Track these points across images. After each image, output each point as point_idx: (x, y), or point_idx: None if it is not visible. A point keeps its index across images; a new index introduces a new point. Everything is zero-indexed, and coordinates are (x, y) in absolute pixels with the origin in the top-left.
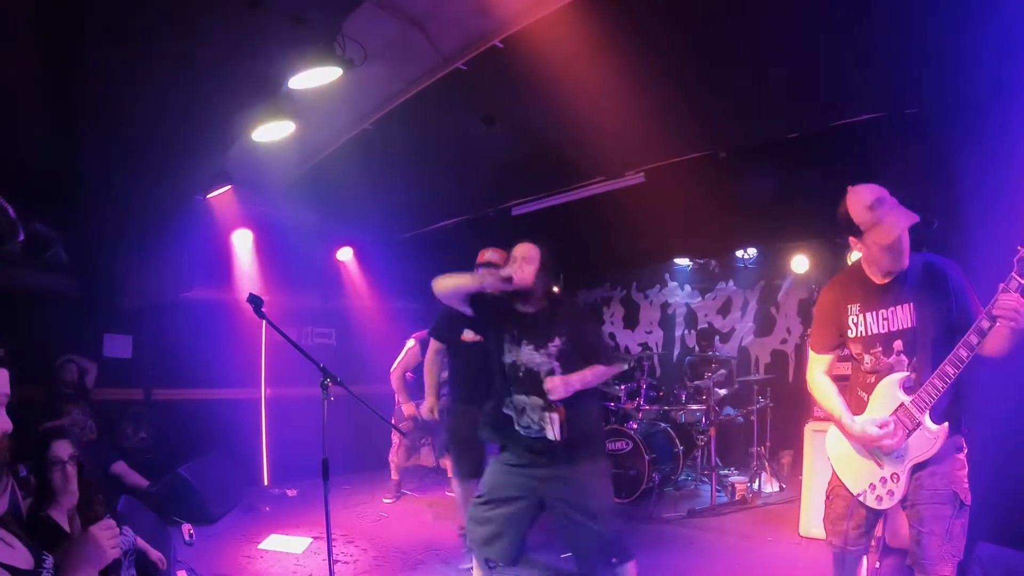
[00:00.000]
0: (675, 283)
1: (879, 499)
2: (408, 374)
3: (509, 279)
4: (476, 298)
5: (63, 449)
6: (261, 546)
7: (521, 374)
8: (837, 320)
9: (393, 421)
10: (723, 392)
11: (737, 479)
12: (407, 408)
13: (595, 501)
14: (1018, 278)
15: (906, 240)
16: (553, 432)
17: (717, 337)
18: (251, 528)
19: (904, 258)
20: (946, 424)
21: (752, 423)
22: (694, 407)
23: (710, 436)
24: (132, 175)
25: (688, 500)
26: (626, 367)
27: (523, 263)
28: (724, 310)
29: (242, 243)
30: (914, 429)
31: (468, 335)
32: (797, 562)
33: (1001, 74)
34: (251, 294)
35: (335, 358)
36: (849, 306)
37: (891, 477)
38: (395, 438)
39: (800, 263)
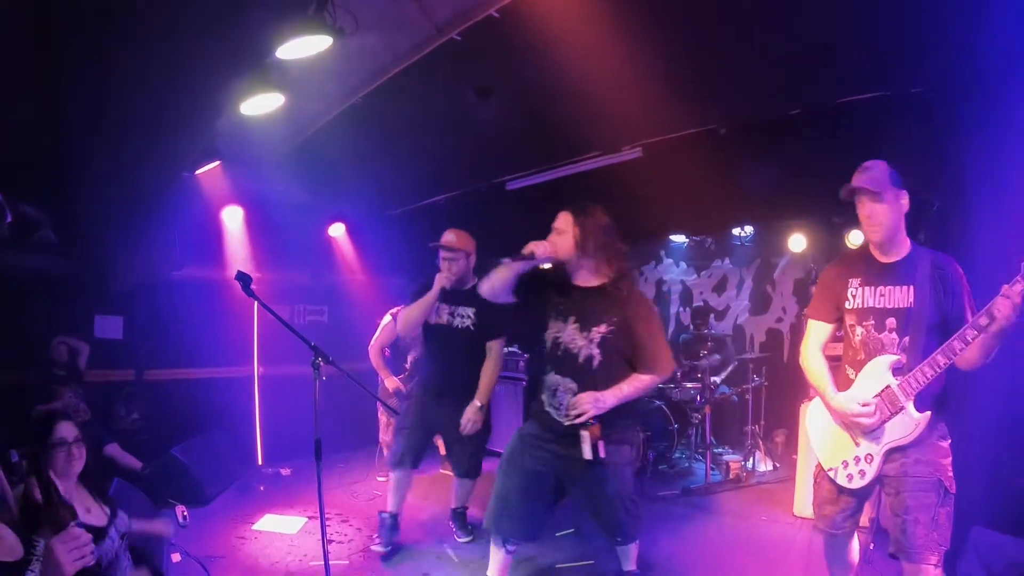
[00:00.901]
0: (670, 260)
1: (850, 477)
2: (386, 350)
3: (531, 255)
4: (519, 283)
5: (67, 430)
6: (255, 527)
7: (559, 353)
8: (837, 291)
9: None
10: (719, 375)
11: (731, 458)
12: (390, 383)
13: (611, 487)
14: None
15: (882, 210)
16: (585, 451)
17: (712, 315)
18: (245, 508)
19: (896, 234)
20: (928, 413)
21: (747, 402)
22: (689, 385)
23: (705, 414)
24: (119, 153)
25: (682, 478)
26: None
27: (554, 234)
28: (719, 288)
29: (232, 220)
30: (896, 412)
31: (432, 318)
32: (792, 542)
33: (1010, 56)
34: (239, 271)
35: (328, 335)
36: (851, 279)
37: (865, 457)
38: (383, 417)
39: (797, 242)
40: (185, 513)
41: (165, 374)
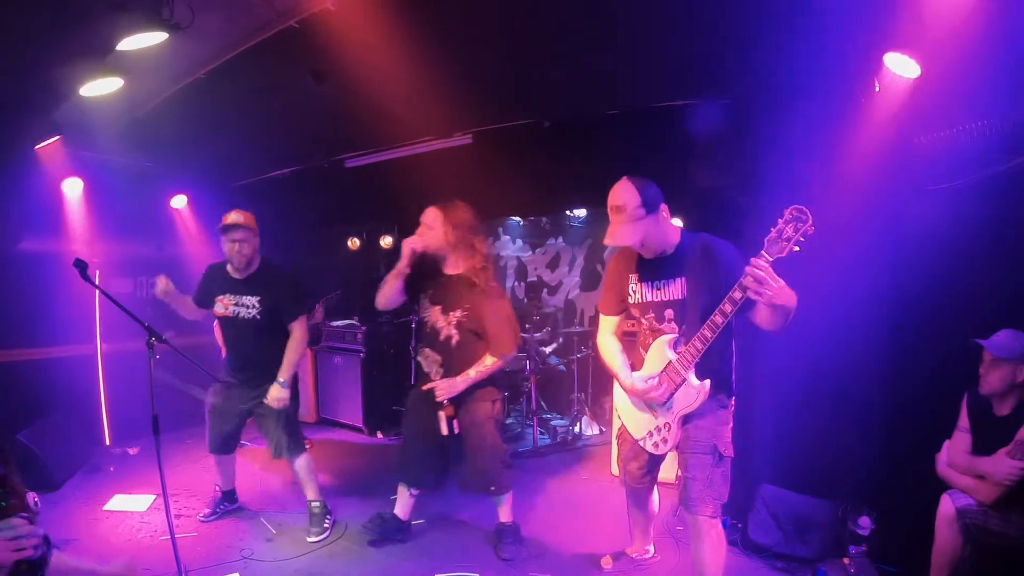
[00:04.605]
0: (507, 237)
1: (656, 445)
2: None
3: (413, 251)
4: (407, 281)
5: None
6: (106, 507)
7: (428, 331)
8: (620, 287)
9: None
10: (548, 346)
11: (560, 423)
12: None
13: (474, 442)
14: (766, 255)
15: (635, 243)
16: (443, 427)
17: (545, 290)
18: (95, 490)
19: (644, 251)
20: (708, 381)
21: (573, 371)
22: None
23: (531, 384)
24: None
25: (513, 443)
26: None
27: (423, 227)
28: (553, 264)
29: (72, 193)
30: (680, 384)
31: (218, 309)
32: (606, 498)
33: (805, 76)
34: (76, 259)
35: (171, 308)
36: (630, 275)
37: (664, 426)
38: None
39: None
40: (36, 500)
41: (1, 356)
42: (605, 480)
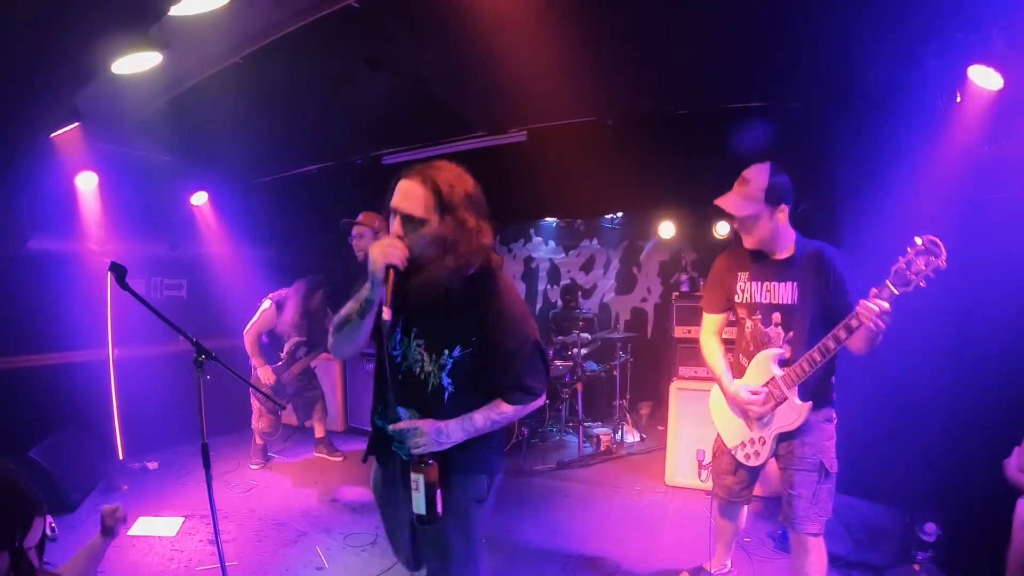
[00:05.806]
0: (539, 238)
1: (747, 457)
2: (262, 336)
3: (394, 270)
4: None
5: None
6: (131, 532)
7: (399, 376)
8: (727, 285)
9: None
10: (587, 349)
11: (601, 431)
12: (263, 374)
13: (453, 534)
14: (891, 287)
15: (737, 215)
16: (417, 502)
17: (579, 293)
18: None
19: (775, 240)
20: (810, 403)
21: (615, 377)
22: (559, 363)
23: (576, 390)
24: None
25: (555, 452)
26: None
27: (399, 223)
28: (587, 267)
29: (86, 186)
30: (782, 401)
31: None
32: (666, 510)
33: (885, 82)
34: (113, 263)
35: (187, 311)
36: (739, 273)
37: (758, 440)
38: (255, 403)
39: (667, 228)
40: (52, 524)
41: (8, 362)
42: (661, 491)
